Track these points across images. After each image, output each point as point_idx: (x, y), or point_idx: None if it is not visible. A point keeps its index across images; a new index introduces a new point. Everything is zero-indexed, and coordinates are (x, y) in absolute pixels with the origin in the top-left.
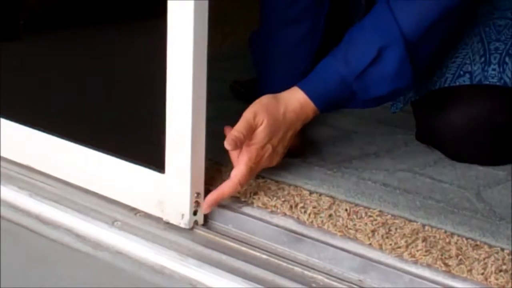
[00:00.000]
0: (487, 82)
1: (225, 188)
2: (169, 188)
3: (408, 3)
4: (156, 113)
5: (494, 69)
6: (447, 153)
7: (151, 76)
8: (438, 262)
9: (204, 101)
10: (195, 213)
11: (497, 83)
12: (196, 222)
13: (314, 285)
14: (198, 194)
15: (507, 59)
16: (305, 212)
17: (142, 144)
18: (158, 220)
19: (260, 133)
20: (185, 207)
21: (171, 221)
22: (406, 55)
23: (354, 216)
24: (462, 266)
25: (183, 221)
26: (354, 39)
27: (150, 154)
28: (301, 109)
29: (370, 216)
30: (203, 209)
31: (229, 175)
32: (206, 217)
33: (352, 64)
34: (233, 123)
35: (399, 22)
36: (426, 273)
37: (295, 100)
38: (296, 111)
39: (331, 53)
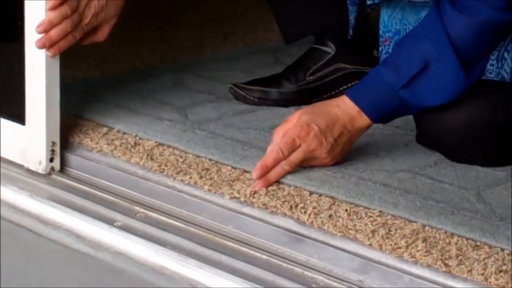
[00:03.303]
0: (485, 78)
1: (267, 155)
2: (29, 138)
3: (459, 11)
4: (17, 74)
5: (492, 65)
6: (448, 155)
7: (12, 41)
8: (438, 263)
9: (58, 62)
10: (51, 160)
11: (495, 78)
12: (52, 169)
13: (314, 285)
14: (53, 143)
15: (505, 55)
16: (305, 212)
17: (6, 100)
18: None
19: (298, 112)
20: (42, 154)
21: (31, 168)
22: (457, 64)
23: (354, 217)
24: (462, 266)
25: (41, 167)
26: (404, 46)
27: (13, 108)
28: (344, 103)
29: (370, 216)
30: (256, 185)
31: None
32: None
33: (400, 73)
34: (232, 123)
35: (449, 32)
36: (426, 273)
37: (338, 98)
38: (339, 105)
39: (383, 60)
